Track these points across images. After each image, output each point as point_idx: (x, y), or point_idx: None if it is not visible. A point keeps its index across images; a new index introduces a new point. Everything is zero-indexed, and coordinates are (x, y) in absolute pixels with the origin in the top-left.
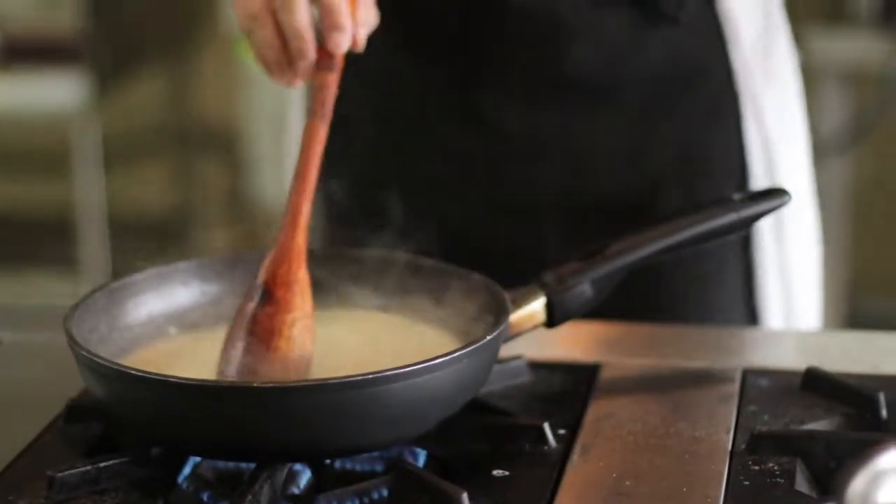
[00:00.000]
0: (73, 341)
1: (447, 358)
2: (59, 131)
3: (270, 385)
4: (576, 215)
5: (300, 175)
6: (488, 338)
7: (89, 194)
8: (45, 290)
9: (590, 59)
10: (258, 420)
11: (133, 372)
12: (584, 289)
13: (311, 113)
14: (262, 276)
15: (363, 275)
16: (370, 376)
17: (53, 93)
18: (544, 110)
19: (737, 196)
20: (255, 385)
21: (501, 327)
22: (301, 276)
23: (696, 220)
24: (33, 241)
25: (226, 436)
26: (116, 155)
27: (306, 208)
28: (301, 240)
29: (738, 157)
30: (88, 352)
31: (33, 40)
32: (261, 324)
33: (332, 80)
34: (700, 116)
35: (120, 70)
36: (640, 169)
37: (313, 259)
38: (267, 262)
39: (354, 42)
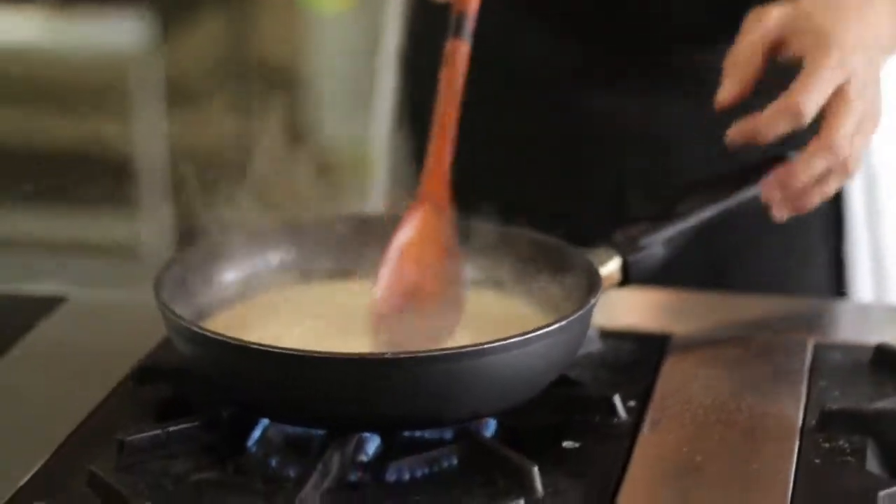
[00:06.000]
0: (164, 307)
1: (554, 327)
2: (121, 71)
3: (373, 356)
4: (658, 202)
5: (443, 92)
6: (592, 302)
7: (150, 134)
8: (104, 230)
9: (680, 42)
10: (355, 390)
11: (226, 340)
12: (657, 249)
13: (451, 32)
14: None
15: None
16: (470, 349)
17: (115, 33)
18: (631, 92)
19: (794, 154)
20: (362, 356)
21: (598, 294)
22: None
23: (758, 177)
24: (94, 180)
25: (316, 404)
26: (177, 95)
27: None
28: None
29: None
30: (187, 321)
31: None
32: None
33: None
34: None
35: (182, 10)
36: (724, 155)
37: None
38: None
39: None
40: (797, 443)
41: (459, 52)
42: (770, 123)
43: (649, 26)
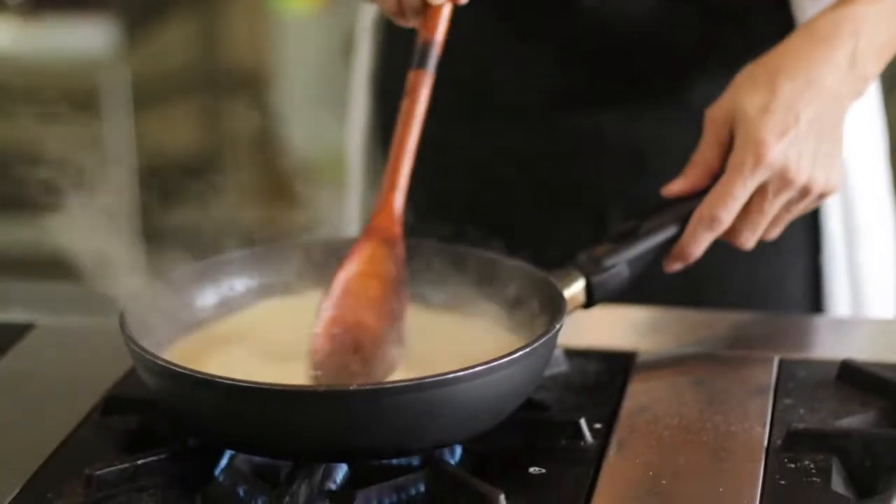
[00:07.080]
0: (130, 340)
1: (519, 354)
2: (89, 77)
3: (338, 389)
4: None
5: (400, 125)
6: (557, 327)
7: (118, 139)
8: (72, 237)
9: (658, 60)
10: (321, 423)
11: (189, 372)
12: (621, 269)
13: (415, 61)
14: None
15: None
16: (434, 379)
17: (83, 39)
18: (610, 110)
19: None
20: (327, 388)
21: (563, 318)
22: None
23: None
24: (59, 186)
25: (282, 436)
26: (145, 100)
27: (406, 166)
28: (398, 201)
29: None
30: (151, 354)
31: None
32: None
33: (435, 30)
34: None
35: (149, 15)
36: None
37: None
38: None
39: None
40: (763, 464)
41: (422, 83)
42: (693, 240)
43: (628, 47)
